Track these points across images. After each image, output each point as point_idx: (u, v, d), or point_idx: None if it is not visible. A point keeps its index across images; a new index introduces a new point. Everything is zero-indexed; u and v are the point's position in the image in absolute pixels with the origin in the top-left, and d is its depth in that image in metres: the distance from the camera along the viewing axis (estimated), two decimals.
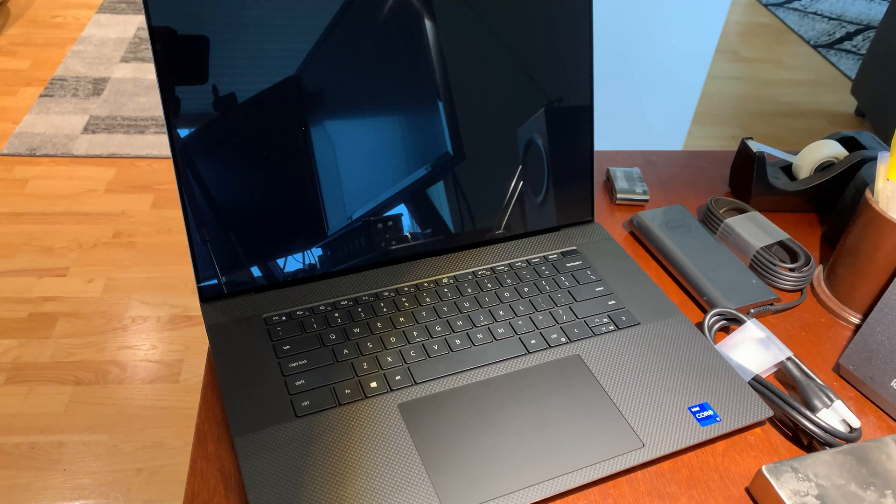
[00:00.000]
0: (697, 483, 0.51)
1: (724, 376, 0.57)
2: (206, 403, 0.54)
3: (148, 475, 1.28)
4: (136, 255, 1.73)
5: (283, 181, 0.58)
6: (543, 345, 0.58)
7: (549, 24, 0.64)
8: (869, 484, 0.49)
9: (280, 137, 0.57)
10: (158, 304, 1.61)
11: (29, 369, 1.45)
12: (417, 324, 0.59)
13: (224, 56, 0.54)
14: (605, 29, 1.52)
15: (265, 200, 0.58)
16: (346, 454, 0.49)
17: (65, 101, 2.25)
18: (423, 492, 0.47)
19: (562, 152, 0.68)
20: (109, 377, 1.45)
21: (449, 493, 0.47)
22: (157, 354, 1.50)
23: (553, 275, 0.65)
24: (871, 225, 0.62)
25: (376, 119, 0.60)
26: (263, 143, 0.57)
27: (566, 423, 0.52)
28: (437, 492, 0.47)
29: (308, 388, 0.53)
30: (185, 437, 1.35)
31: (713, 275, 0.66)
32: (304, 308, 0.59)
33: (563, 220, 0.70)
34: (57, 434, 1.34)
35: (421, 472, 0.48)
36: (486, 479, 0.48)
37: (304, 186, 0.59)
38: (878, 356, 0.58)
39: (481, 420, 0.52)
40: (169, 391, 1.43)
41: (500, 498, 0.47)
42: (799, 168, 0.78)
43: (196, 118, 0.55)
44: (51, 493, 1.25)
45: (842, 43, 3.02)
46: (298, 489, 0.46)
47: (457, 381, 0.55)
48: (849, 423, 0.55)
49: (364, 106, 0.59)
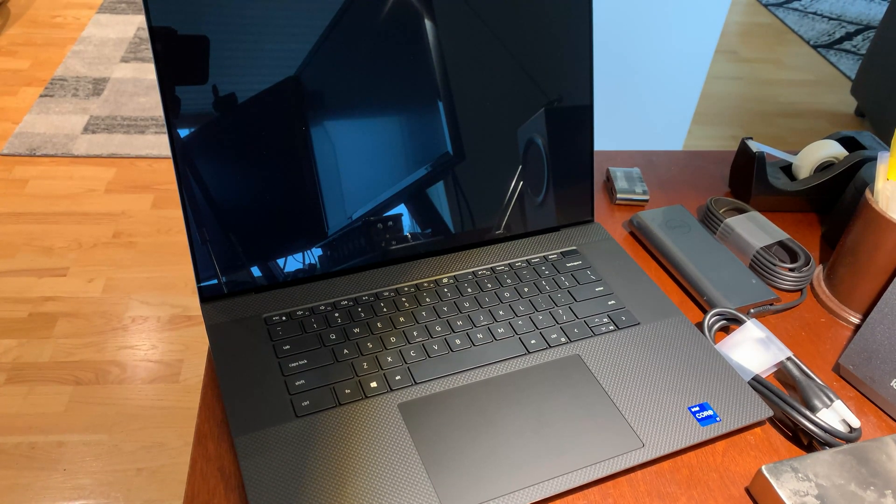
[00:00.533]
0: (697, 483, 0.51)
1: (723, 376, 0.57)
2: (206, 403, 0.54)
3: (148, 475, 1.28)
4: (136, 255, 1.73)
5: (283, 181, 0.58)
6: (543, 345, 0.58)
7: (549, 23, 0.64)
8: (869, 484, 0.49)
9: (280, 137, 0.57)
10: (158, 304, 1.61)
11: (29, 369, 1.45)
12: (417, 324, 0.59)
13: (224, 56, 0.54)
14: (605, 29, 1.52)
15: (265, 200, 0.58)
16: (346, 454, 0.49)
17: (65, 101, 2.25)
18: (423, 491, 0.47)
19: (562, 152, 0.68)
20: (109, 377, 1.45)
21: (449, 493, 0.47)
22: (157, 354, 1.50)
23: (553, 275, 0.65)
24: (870, 225, 0.62)
25: (376, 119, 0.60)
26: (263, 143, 0.57)
27: (566, 423, 0.52)
28: (436, 491, 0.47)
29: (308, 388, 0.53)
30: (185, 437, 1.35)
31: (713, 275, 0.66)
32: (305, 308, 0.59)
33: (563, 220, 0.70)
34: (57, 434, 1.34)
35: (421, 471, 0.48)
36: (485, 479, 0.48)
37: (304, 186, 0.59)
38: (877, 356, 0.58)
39: (481, 420, 0.52)
40: (169, 391, 1.43)
41: (499, 498, 0.47)
42: (799, 168, 0.78)
43: (196, 118, 0.55)
44: (51, 493, 1.25)
45: (842, 43, 3.02)
46: (298, 489, 0.46)
47: (457, 381, 0.55)
48: (849, 422, 0.55)
49: (364, 106, 0.59)
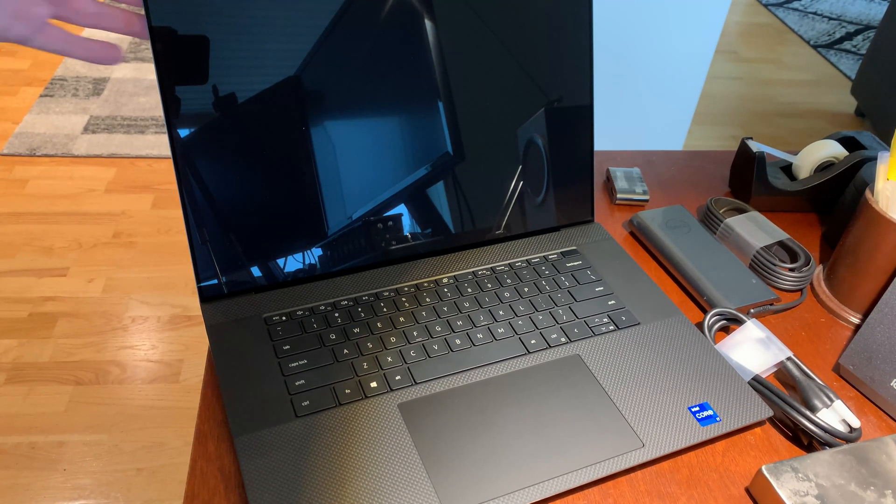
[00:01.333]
0: (697, 483, 0.51)
1: (723, 376, 0.57)
2: (206, 403, 0.54)
3: (148, 475, 1.28)
4: (136, 255, 1.73)
5: (283, 181, 0.58)
6: (543, 345, 0.58)
7: (550, 23, 0.64)
8: (869, 484, 0.49)
9: (280, 137, 0.57)
10: (158, 304, 1.61)
11: (29, 369, 1.45)
12: (417, 324, 0.59)
13: (224, 56, 0.54)
14: (605, 29, 1.52)
15: (265, 200, 0.58)
16: (346, 454, 0.49)
17: (65, 101, 2.25)
18: (423, 491, 0.47)
19: (562, 152, 0.68)
20: (109, 377, 1.45)
21: (449, 493, 0.47)
22: (157, 354, 1.50)
23: (553, 275, 0.65)
24: (870, 225, 0.62)
25: (376, 119, 0.60)
26: (263, 143, 0.57)
27: (566, 423, 0.52)
28: (436, 492, 0.47)
29: (308, 388, 0.53)
30: (186, 437, 1.35)
31: (713, 275, 0.66)
32: (304, 308, 0.59)
33: (563, 220, 0.70)
34: (57, 434, 1.34)
35: (421, 471, 0.48)
36: (485, 479, 0.48)
37: (304, 186, 0.59)
38: (878, 356, 0.58)
39: (481, 420, 0.52)
40: (169, 391, 1.43)
41: (499, 498, 0.47)
42: (799, 168, 0.78)
43: (196, 118, 0.55)
44: (51, 493, 1.25)
45: (842, 43, 3.02)
46: (298, 489, 0.46)
47: (457, 381, 0.55)
48: (849, 422, 0.55)
49: (364, 106, 0.59)
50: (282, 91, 0.56)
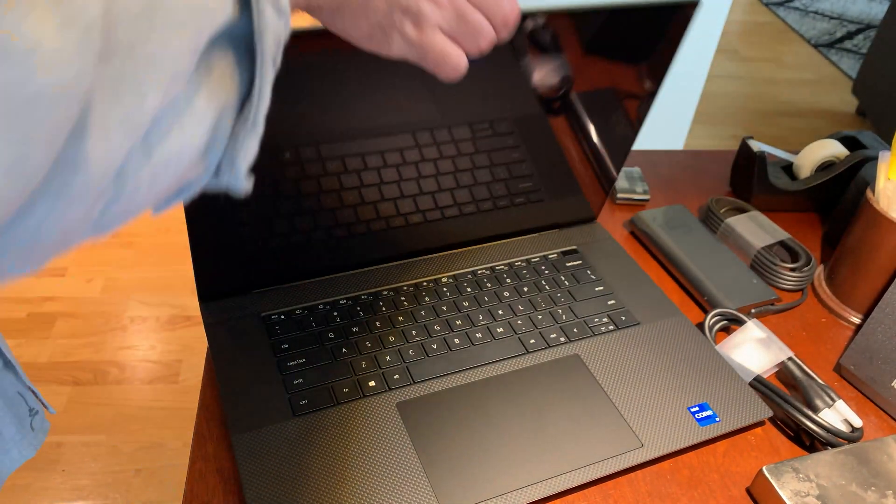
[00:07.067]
0: (698, 483, 0.51)
1: (723, 377, 0.57)
2: (205, 404, 0.54)
3: (147, 476, 1.28)
4: (136, 255, 1.73)
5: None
6: (543, 344, 0.58)
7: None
8: (870, 484, 0.48)
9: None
10: (157, 305, 1.61)
11: (28, 369, 1.44)
12: (416, 323, 0.59)
13: None
14: None
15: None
16: (345, 453, 0.49)
17: None
18: (421, 491, 0.47)
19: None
20: (108, 377, 1.45)
21: (447, 493, 0.47)
22: (155, 354, 1.50)
23: (553, 274, 0.65)
24: (871, 225, 0.61)
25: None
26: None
27: (565, 423, 0.52)
28: (434, 491, 0.47)
29: (306, 387, 0.53)
30: (184, 438, 1.34)
31: (714, 275, 0.66)
32: (303, 307, 0.59)
33: (564, 220, 0.70)
34: (56, 434, 1.33)
35: (419, 471, 0.48)
36: (484, 479, 0.48)
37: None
38: (879, 356, 0.58)
39: (480, 419, 0.52)
40: (168, 391, 1.43)
41: (498, 497, 0.47)
42: (800, 168, 0.78)
43: None
44: (50, 494, 1.24)
45: (843, 42, 3.02)
46: (296, 488, 0.46)
47: (455, 380, 0.55)
48: (851, 422, 0.54)
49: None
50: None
